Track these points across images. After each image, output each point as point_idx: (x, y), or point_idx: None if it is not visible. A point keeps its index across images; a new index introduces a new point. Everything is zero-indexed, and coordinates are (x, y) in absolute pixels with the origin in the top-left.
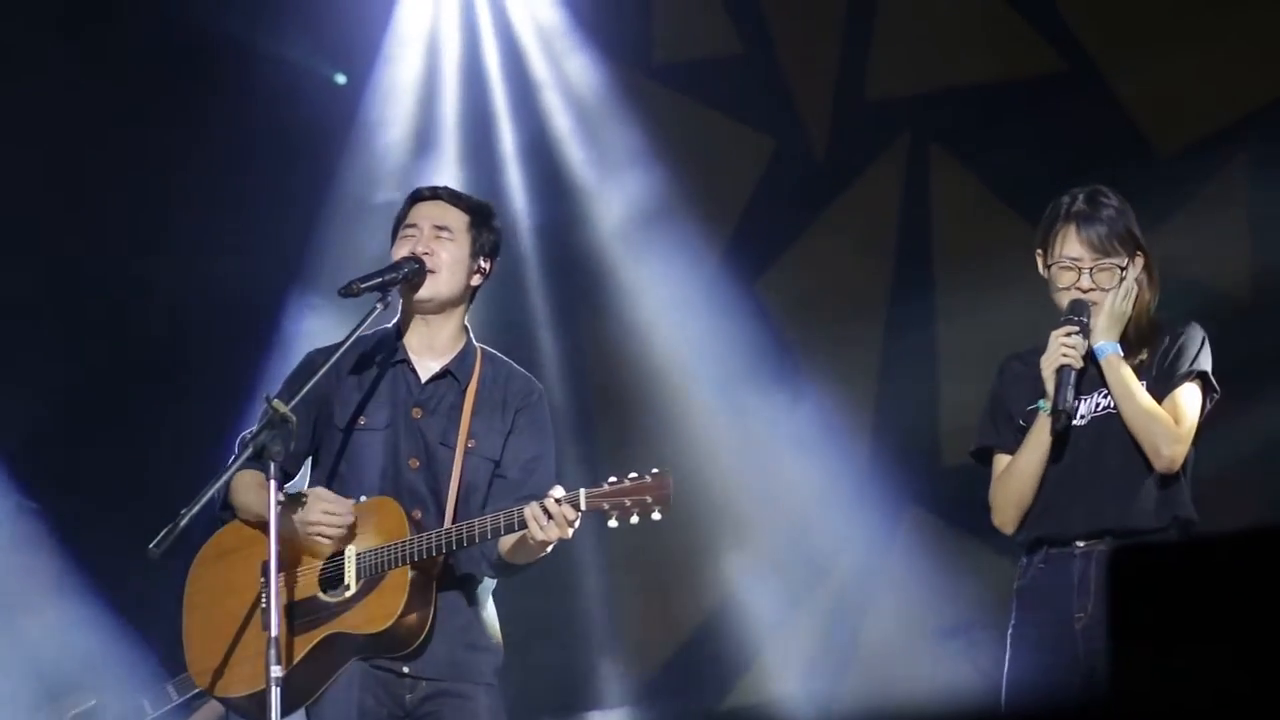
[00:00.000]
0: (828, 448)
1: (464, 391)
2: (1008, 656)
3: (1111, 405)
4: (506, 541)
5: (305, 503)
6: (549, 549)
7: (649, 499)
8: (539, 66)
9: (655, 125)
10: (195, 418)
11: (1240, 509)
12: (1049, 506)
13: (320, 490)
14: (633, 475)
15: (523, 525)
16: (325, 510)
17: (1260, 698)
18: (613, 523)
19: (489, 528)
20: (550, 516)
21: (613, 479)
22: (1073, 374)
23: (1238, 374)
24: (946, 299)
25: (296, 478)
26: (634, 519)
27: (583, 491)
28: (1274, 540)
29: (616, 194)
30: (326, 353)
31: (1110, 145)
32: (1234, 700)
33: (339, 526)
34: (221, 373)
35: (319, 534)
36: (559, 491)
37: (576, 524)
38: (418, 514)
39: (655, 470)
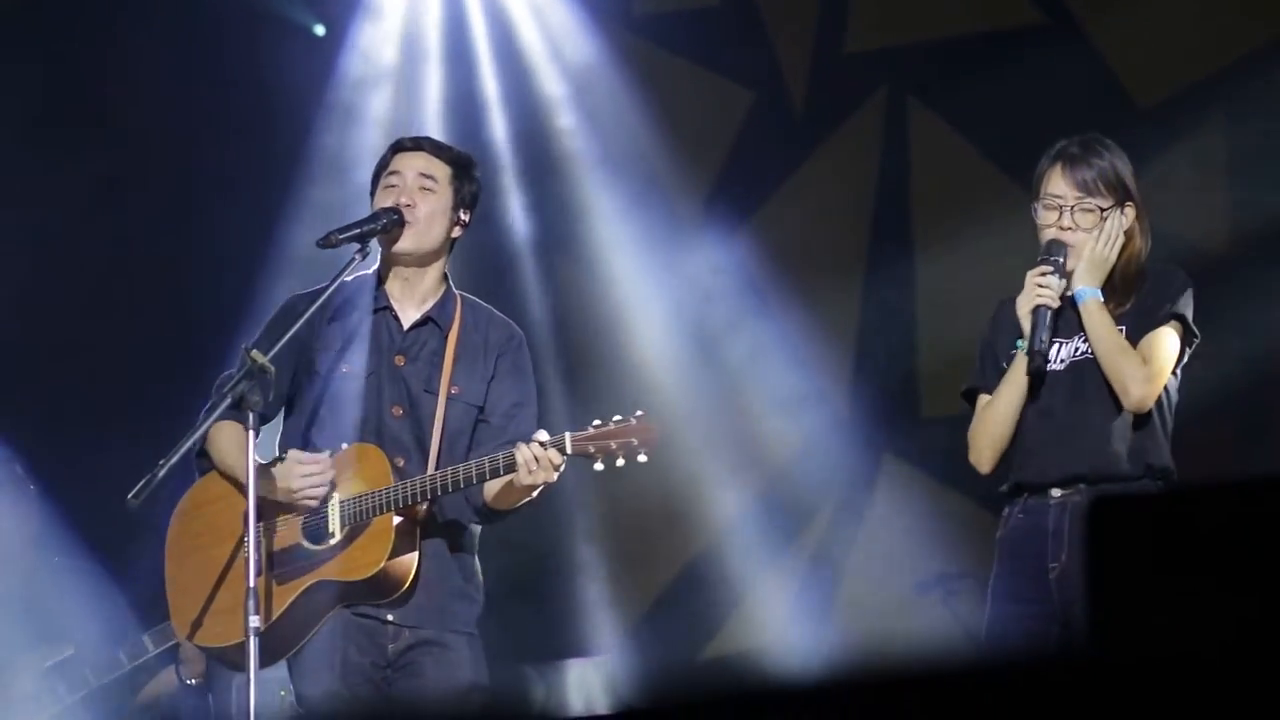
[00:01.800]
0: (806, 399)
1: (445, 338)
2: (988, 606)
3: (1090, 351)
4: (492, 487)
5: (282, 468)
6: (534, 494)
7: (634, 441)
8: (519, 17)
9: (636, 78)
10: (176, 365)
11: (1215, 459)
12: (1028, 453)
13: (294, 452)
14: (617, 419)
15: (508, 469)
16: (304, 474)
17: (1233, 648)
18: (598, 465)
19: (474, 473)
20: (537, 461)
21: (597, 422)
22: (1049, 314)
23: (1214, 324)
24: (925, 250)
25: (273, 421)
26: (620, 462)
27: (568, 435)
28: (1247, 490)
29: (597, 146)
30: (307, 299)
31: (1089, 96)
32: (1208, 650)
33: (321, 485)
34: (202, 322)
35: (304, 498)
36: (544, 435)
37: (562, 468)
38: (400, 461)
39: (639, 413)
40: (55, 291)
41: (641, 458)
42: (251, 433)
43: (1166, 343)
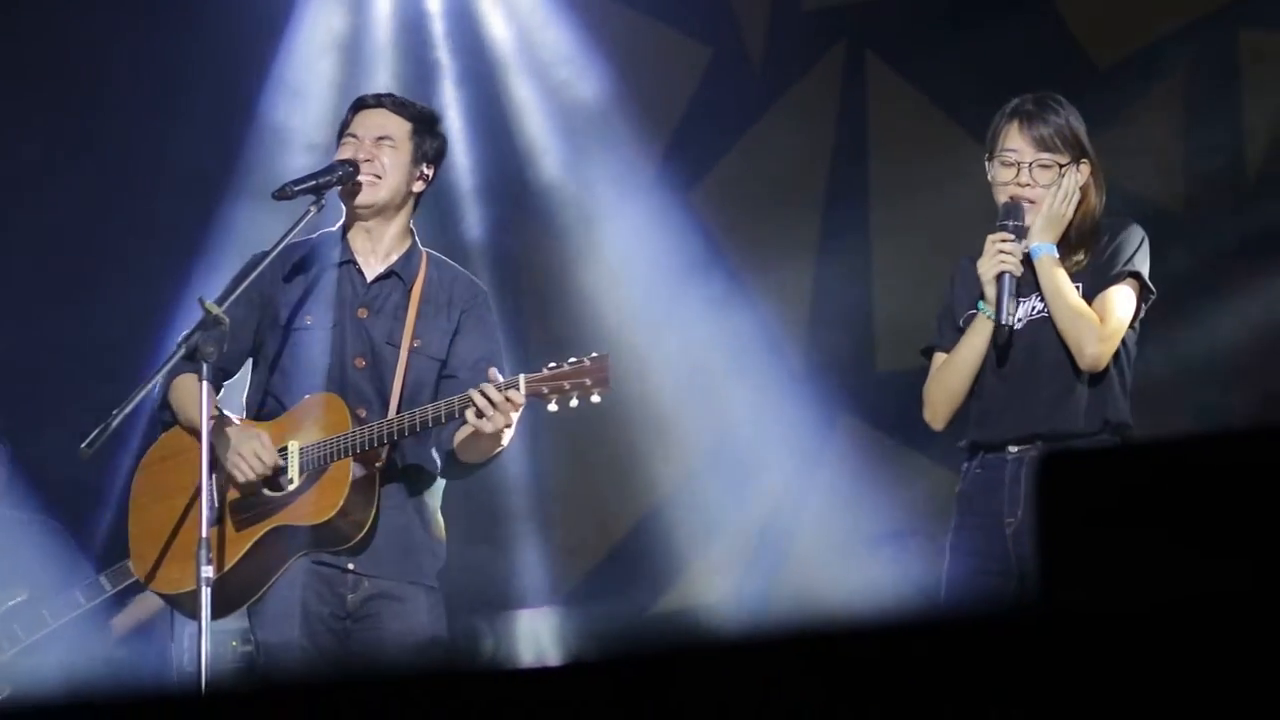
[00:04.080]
0: (761, 354)
1: (409, 291)
2: (946, 561)
3: (1046, 310)
4: (459, 438)
5: (240, 434)
6: (500, 447)
7: (588, 381)
8: None
9: (592, 33)
10: (127, 318)
11: (1171, 416)
12: (986, 411)
13: (262, 432)
14: (572, 360)
15: (463, 412)
16: (255, 452)
17: (1187, 602)
18: (552, 407)
19: (430, 416)
20: (493, 404)
21: (552, 364)
22: (1013, 280)
23: (1170, 285)
24: (881, 207)
25: (235, 377)
26: (573, 402)
27: (522, 377)
28: (1202, 447)
29: (553, 102)
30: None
31: (1047, 56)
32: (1162, 606)
33: (257, 474)
34: (151, 277)
35: (237, 469)
36: (499, 378)
37: (521, 409)
38: (362, 412)
39: (594, 354)
40: (15, 247)
41: (595, 398)
42: (206, 383)
43: (1122, 300)
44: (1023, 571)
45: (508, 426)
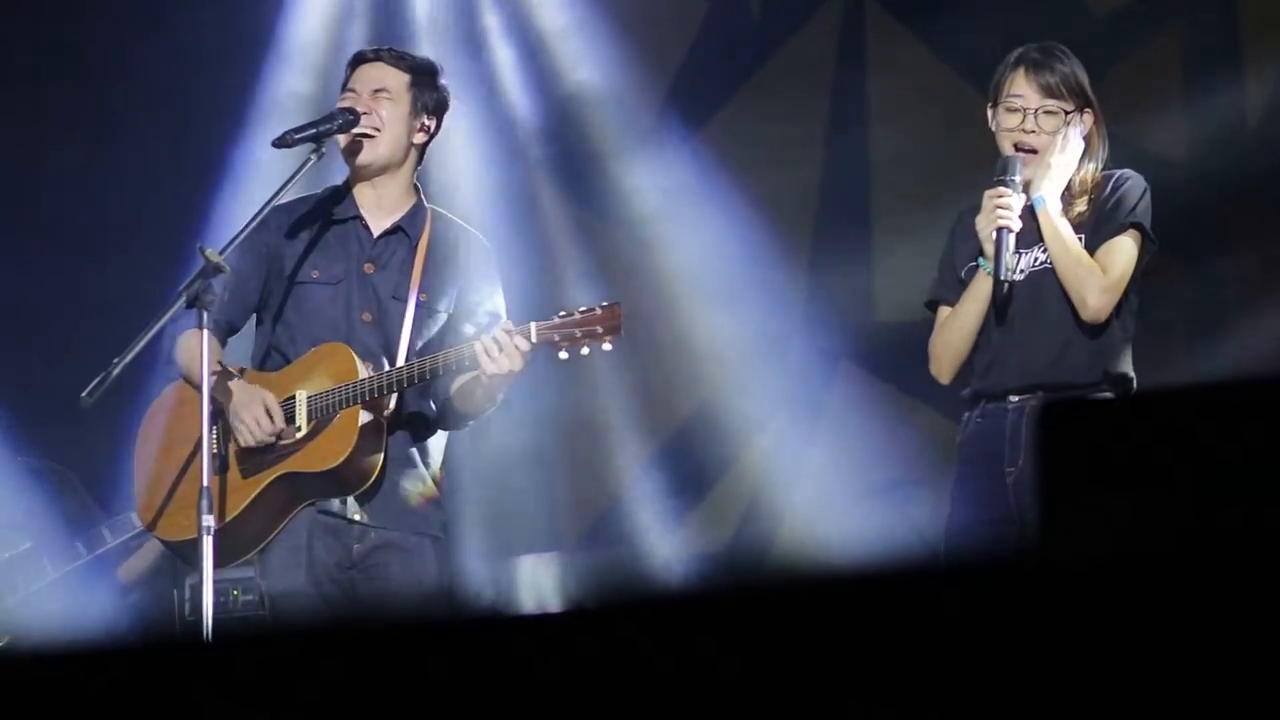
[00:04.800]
0: (762, 303)
1: (414, 247)
2: (948, 510)
3: (1048, 260)
4: (455, 387)
5: (247, 392)
6: (495, 402)
7: (599, 329)
8: None
9: None
10: (126, 271)
11: (1171, 368)
12: (987, 363)
13: (267, 393)
14: (583, 308)
15: (472, 359)
16: (257, 419)
17: (1186, 552)
18: (563, 355)
19: (440, 364)
20: (501, 348)
21: (562, 312)
22: (1011, 236)
23: (1169, 233)
24: (881, 156)
25: (240, 333)
26: (584, 350)
27: (533, 324)
28: (1201, 397)
29: (549, 53)
30: (279, 210)
31: (1046, 4)
32: (1161, 555)
33: (257, 441)
34: (157, 231)
35: (241, 431)
36: (509, 325)
37: (527, 357)
38: (369, 366)
39: (605, 303)
40: (12, 203)
41: (606, 346)
42: (206, 331)
43: (1124, 251)
44: (1023, 520)
45: (513, 371)
